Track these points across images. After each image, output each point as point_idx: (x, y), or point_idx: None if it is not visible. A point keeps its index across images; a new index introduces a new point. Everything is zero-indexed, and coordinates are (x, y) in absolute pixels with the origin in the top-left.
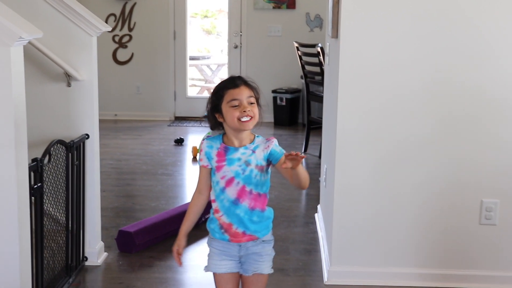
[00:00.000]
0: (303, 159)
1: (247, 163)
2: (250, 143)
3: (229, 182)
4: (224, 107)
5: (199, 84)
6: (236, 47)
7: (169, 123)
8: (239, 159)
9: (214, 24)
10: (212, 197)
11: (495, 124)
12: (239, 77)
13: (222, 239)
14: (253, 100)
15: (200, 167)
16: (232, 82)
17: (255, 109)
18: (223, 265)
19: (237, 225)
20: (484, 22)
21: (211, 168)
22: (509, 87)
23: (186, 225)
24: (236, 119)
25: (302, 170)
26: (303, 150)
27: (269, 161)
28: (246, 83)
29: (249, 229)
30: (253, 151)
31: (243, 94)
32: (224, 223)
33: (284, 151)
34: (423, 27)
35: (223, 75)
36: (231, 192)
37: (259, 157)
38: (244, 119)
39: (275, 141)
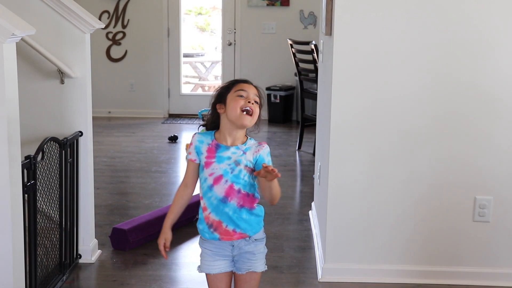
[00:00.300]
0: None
1: (237, 163)
2: (242, 144)
3: (217, 180)
4: (230, 96)
5: (193, 81)
6: (230, 44)
7: (163, 121)
8: (229, 158)
9: (208, 21)
10: (200, 194)
11: (489, 122)
12: (245, 79)
13: (213, 239)
14: (257, 99)
15: (188, 160)
16: (243, 79)
17: (257, 109)
18: (216, 266)
19: (227, 223)
20: (481, 19)
21: (199, 163)
22: (503, 86)
23: (171, 218)
24: (238, 108)
25: (275, 185)
26: (297, 148)
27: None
28: (254, 86)
29: (239, 227)
30: (244, 152)
31: (251, 89)
32: (213, 221)
33: (272, 164)
34: (418, 24)
35: (217, 72)
36: (219, 190)
37: (249, 158)
38: (245, 112)
39: (266, 148)
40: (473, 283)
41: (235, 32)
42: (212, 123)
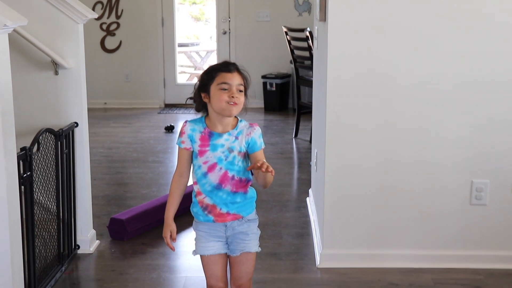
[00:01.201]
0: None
1: (230, 150)
2: (233, 129)
3: (212, 167)
4: (213, 88)
5: (188, 71)
6: (224, 33)
7: (159, 111)
8: (222, 145)
9: (203, 11)
10: (194, 180)
11: (485, 105)
12: (234, 64)
13: (207, 221)
14: (242, 88)
15: (181, 149)
16: (226, 66)
17: (242, 98)
18: (210, 247)
19: (221, 206)
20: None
21: (193, 151)
22: (500, 70)
23: (172, 210)
24: (223, 102)
25: (269, 175)
26: (293, 135)
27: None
28: (239, 71)
29: (233, 209)
30: (236, 138)
31: (234, 80)
32: (208, 204)
33: (264, 146)
34: (413, 8)
35: (212, 61)
36: (214, 177)
37: (241, 143)
38: (230, 103)
39: (257, 130)
40: (471, 266)
41: (229, 21)
42: (201, 106)
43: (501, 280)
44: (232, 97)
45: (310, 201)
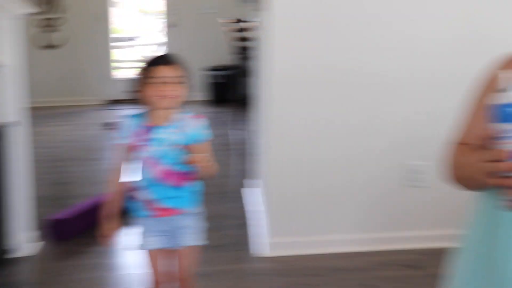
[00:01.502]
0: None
1: (170, 143)
2: (174, 121)
3: (151, 161)
4: (146, 82)
5: (134, 65)
6: (172, 26)
7: (101, 107)
8: (161, 139)
9: (150, 4)
10: (133, 175)
11: (423, 89)
12: (164, 56)
13: (148, 216)
14: (176, 80)
15: (120, 144)
16: (159, 59)
17: (176, 90)
18: (152, 242)
19: (161, 201)
20: None
21: (132, 146)
22: (435, 56)
23: (109, 207)
24: (154, 95)
25: (209, 167)
26: (235, 127)
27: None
28: (169, 62)
29: (173, 203)
30: (177, 130)
31: (166, 72)
32: (147, 199)
33: (208, 137)
34: None
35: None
36: (152, 172)
37: (182, 136)
38: (161, 96)
39: (200, 121)
40: (411, 246)
41: (177, 14)
42: (141, 100)
43: (437, 258)
44: (161, 90)
45: (248, 191)
